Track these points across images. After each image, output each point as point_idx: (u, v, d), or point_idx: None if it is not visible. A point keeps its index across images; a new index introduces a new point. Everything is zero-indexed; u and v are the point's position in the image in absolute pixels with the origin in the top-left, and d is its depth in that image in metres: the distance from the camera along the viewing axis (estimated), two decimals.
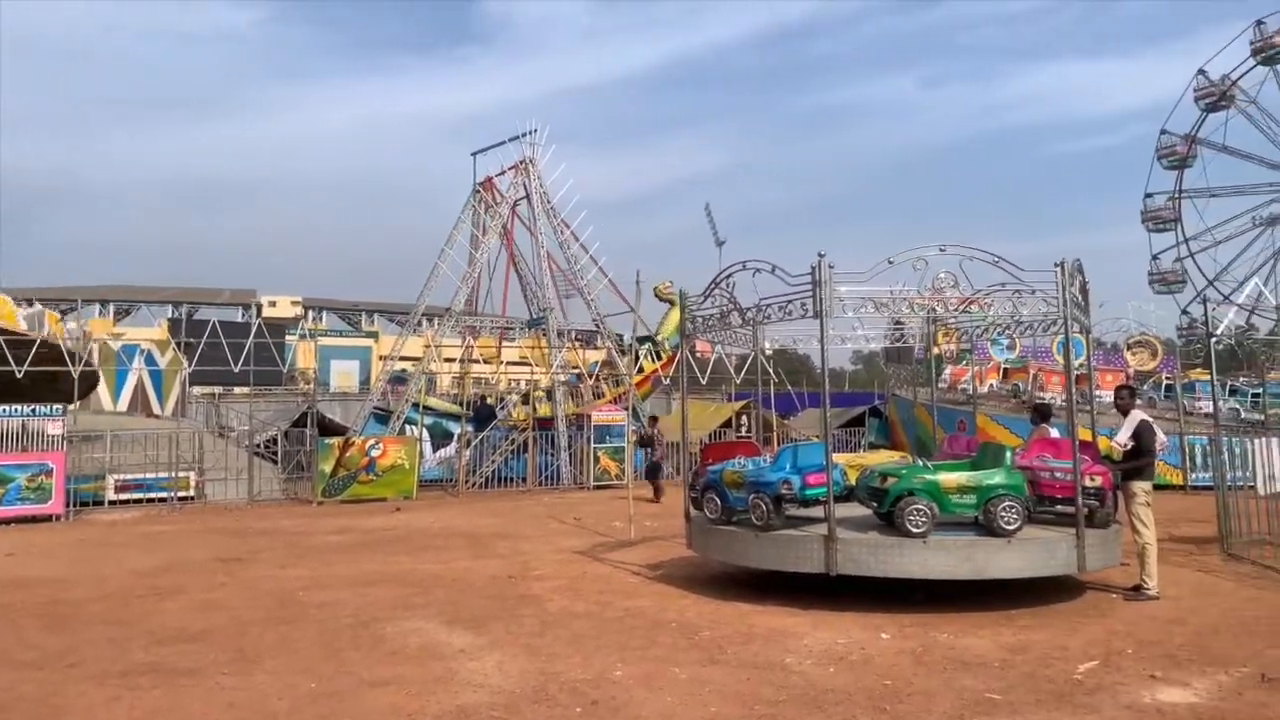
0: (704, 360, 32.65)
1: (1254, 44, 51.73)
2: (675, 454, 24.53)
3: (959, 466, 9.58)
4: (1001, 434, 22.52)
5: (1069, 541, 8.92)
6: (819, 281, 9.13)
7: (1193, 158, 53.93)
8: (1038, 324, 11.33)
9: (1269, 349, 26.93)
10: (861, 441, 30.89)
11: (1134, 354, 30.14)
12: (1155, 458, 9.87)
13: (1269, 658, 6.93)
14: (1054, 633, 7.81)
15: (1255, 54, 51.73)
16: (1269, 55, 51.29)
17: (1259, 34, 51.55)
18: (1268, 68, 51.91)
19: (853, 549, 8.79)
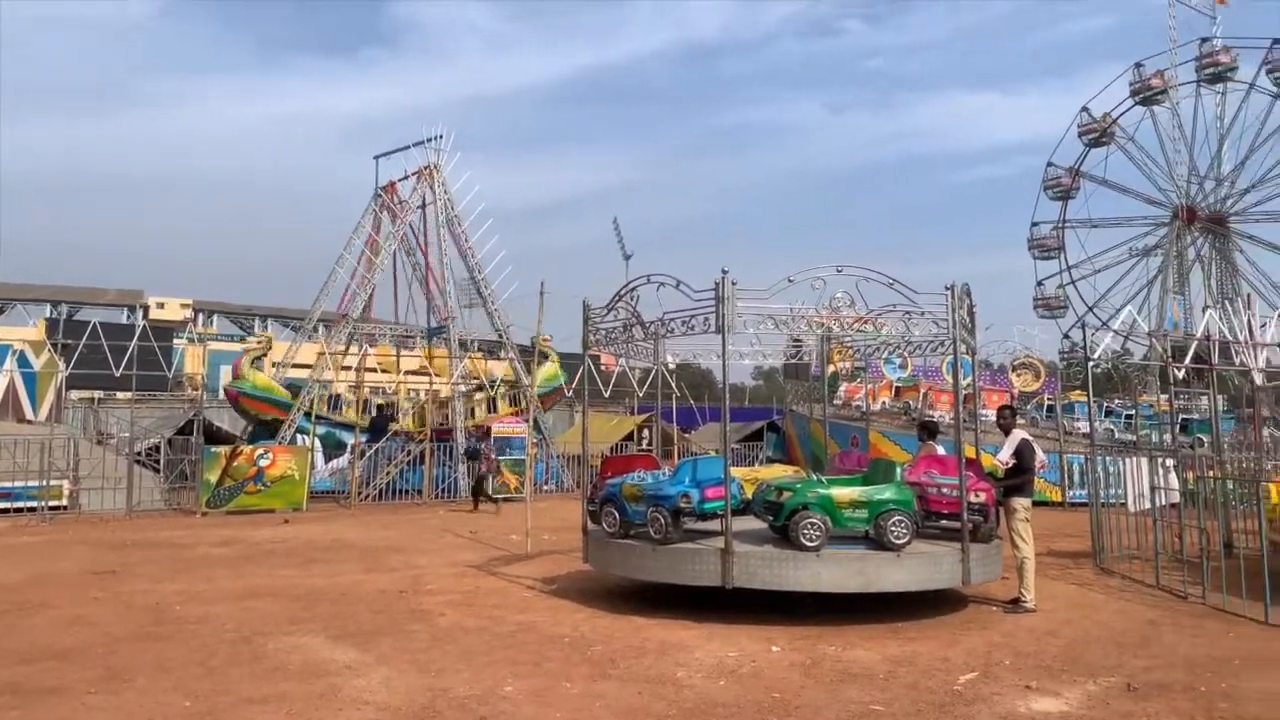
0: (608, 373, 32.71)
1: (1133, 85, 54.66)
2: (575, 467, 24.46)
3: (851, 482, 9.79)
4: (893, 450, 23.18)
5: (954, 556, 9.20)
6: (722, 298, 9.24)
7: (1076, 190, 56.54)
8: (928, 344, 11.70)
9: (1142, 373, 28.39)
10: (760, 456, 31.36)
11: (1018, 375, 31.42)
12: (1035, 475, 10.27)
13: (1134, 668, 7.26)
14: (937, 644, 8.03)
15: (1134, 94, 54.67)
16: (1146, 96, 54.27)
17: (1137, 76, 54.52)
18: (1145, 108, 54.93)
19: (749, 562, 8.88)
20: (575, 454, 24.65)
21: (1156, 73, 53.91)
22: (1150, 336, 18.40)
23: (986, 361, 34.01)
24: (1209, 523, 10.89)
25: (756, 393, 75.32)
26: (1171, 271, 53.16)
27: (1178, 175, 54.09)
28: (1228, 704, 6.29)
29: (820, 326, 10.67)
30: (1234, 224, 52.67)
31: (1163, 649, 7.92)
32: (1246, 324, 17.88)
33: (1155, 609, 9.70)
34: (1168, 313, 49.51)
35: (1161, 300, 52.20)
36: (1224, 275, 52.45)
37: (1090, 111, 56.25)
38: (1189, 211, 53.12)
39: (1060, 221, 57.11)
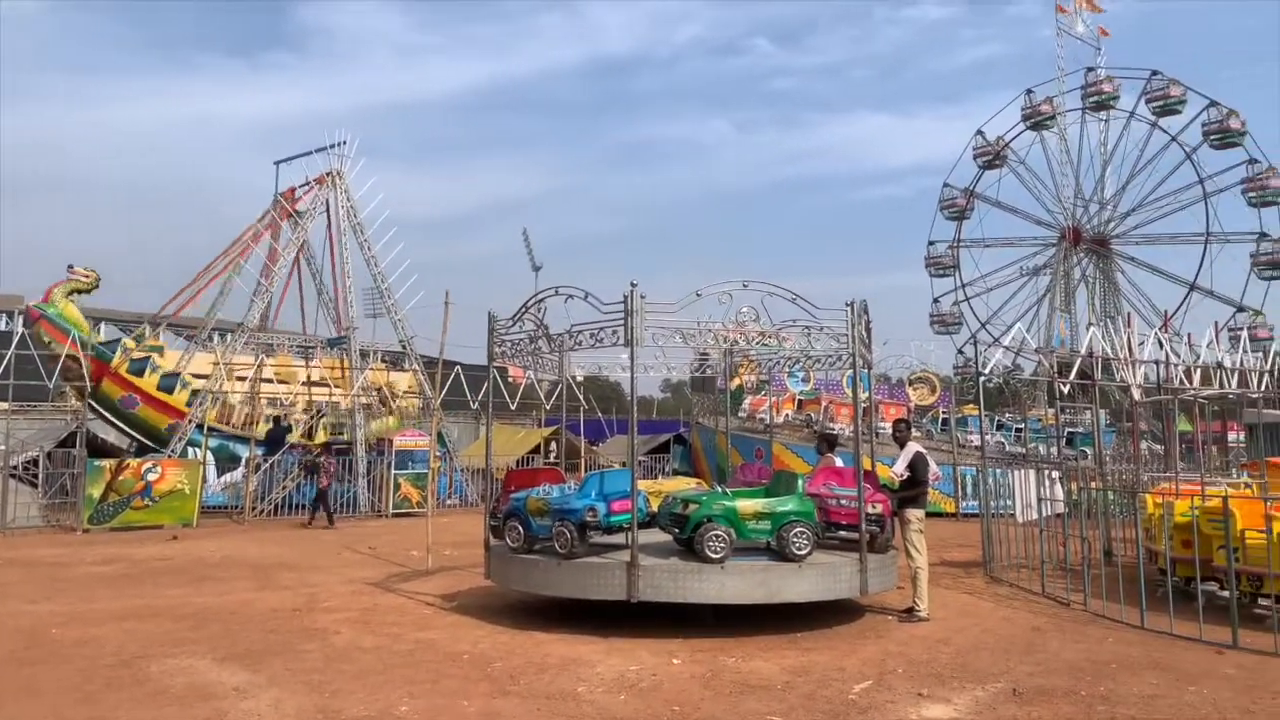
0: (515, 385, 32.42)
1: (1024, 111, 57.08)
2: (479, 481, 24.16)
3: (755, 494, 9.89)
4: (795, 462, 23.55)
5: (853, 566, 9.40)
6: (631, 311, 9.26)
7: (970, 210, 58.70)
8: (828, 359, 11.94)
9: (1031, 388, 29.62)
10: (666, 469, 31.53)
11: (915, 389, 32.35)
12: (928, 487, 10.58)
13: (1020, 673, 7.52)
14: (834, 654, 8.18)
15: (1025, 120, 57.09)
16: (1036, 121, 56.74)
17: (1028, 102, 56.95)
18: (1035, 133, 57.44)
19: (654, 575, 8.90)
20: (481, 467, 24.33)
21: (1046, 99, 56.42)
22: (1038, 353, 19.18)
23: (885, 375, 34.99)
24: (1090, 532, 11.38)
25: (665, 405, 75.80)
26: (1058, 290, 55.54)
27: (1065, 198, 56.61)
28: (1105, 706, 6.57)
29: (727, 340, 10.79)
30: (1116, 246, 55.33)
31: (1047, 655, 8.22)
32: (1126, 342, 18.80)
33: (1041, 616, 10.07)
34: (1055, 330, 51.81)
35: (1049, 318, 54.51)
36: (1107, 294, 55.02)
37: (984, 135, 58.54)
38: (1075, 233, 55.63)
39: (955, 240, 59.23)
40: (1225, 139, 49.85)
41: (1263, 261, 48.65)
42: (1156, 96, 51.97)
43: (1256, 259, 48.86)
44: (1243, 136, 49.52)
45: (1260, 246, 48.82)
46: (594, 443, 34.90)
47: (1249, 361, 22.04)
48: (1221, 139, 49.98)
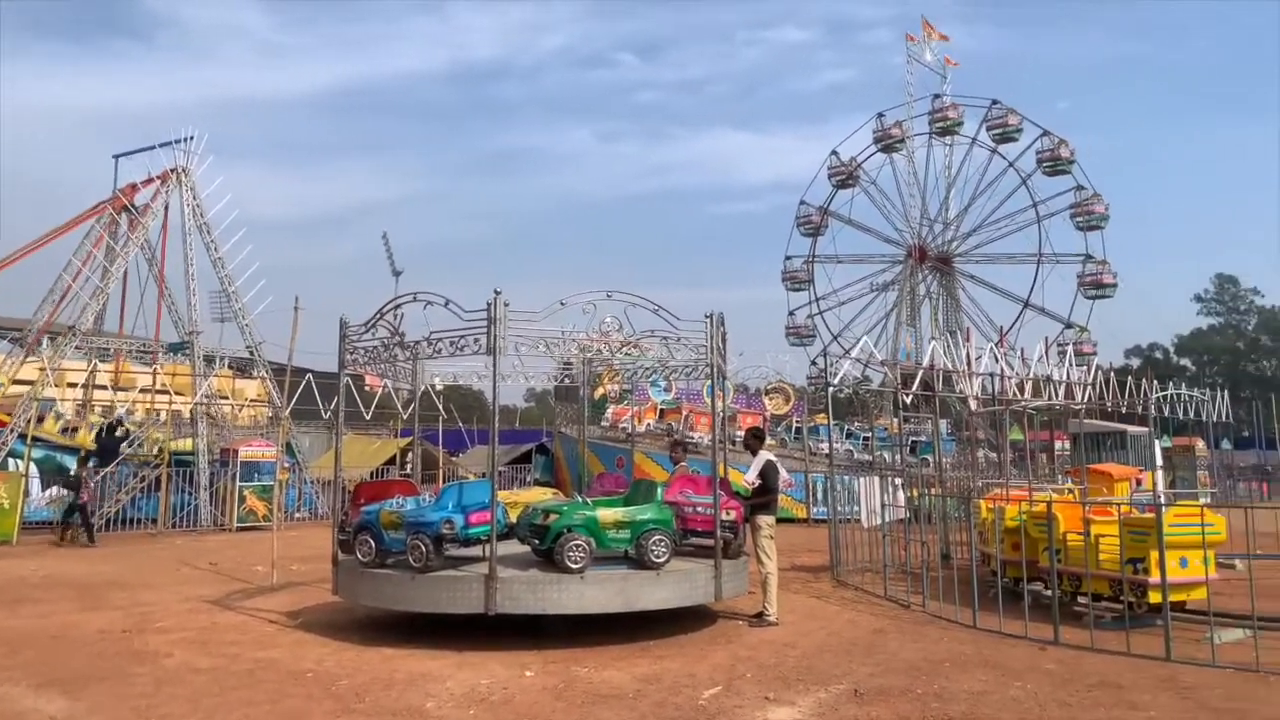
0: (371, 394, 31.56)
1: (875, 133, 59.78)
2: (328, 493, 23.37)
3: (614, 503, 9.96)
4: (656, 471, 23.77)
5: (708, 572, 9.57)
6: (493, 319, 9.15)
7: (825, 227, 61.00)
8: (687, 368, 12.13)
9: (878, 398, 30.89)
10: (528, 478, 31.33)
11: (771, 399, 33.25)
12: (779, 495, 10.89)
13: (861, 674, 7.82)
14: (685, 661, 8.29)
15: (876, 142, 59.79)
16: (887, 144, 59.49)
17: (880, 125, 59.67)
18: (886, 155, 60.19)
19: (512, 587, 8.80)
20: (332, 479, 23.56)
21: (896, 123, 59.20)
22: (883, 365, 20.03)
23: (744, 385, 35.81)
24: (929, 536, 11.95)
25: (528, 414, 75.26)
26: (905, 305, 58.26)
27: (912, 218, 59.48)
28: (939, 703, 6.90)
29: (590, 349, 10.83)
30: (958, 264, 58.51)
31: (887, 655, 8.57)
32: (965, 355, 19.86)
33: (883, 618, 10.50)
34: (901, 343, 54.34)
35: (896, 332, 57.16)
36: (949, 310, 58.09)
37: (838, 155, 60.99)
38: (920, 251, 58.50)
39: (810, 256, 61.41)
40: (1056, 166, 53.57)
41: (1088, 282, 52.55)
42: (996, 124, 55.31)
43: (1083, 279, 52.75)
44: (1072, 164, 53.32)
45: (1086, 267, 52.71)
46: (454, 453, 34.36)
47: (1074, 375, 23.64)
48: (1053, 166, 53.68)
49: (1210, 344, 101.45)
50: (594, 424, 31.64)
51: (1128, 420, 26.07)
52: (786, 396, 34.30)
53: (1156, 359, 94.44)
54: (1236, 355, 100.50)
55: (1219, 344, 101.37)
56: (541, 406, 67.64)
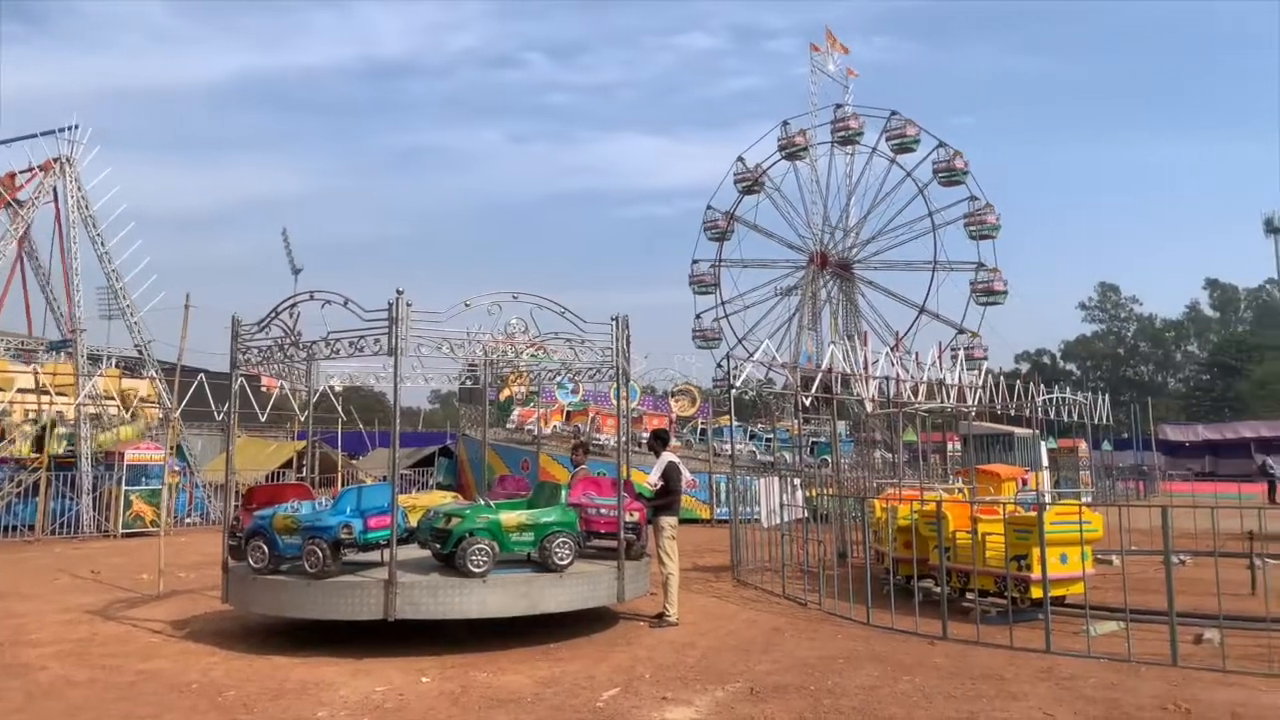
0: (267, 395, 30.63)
1: (780, 141, 60.99)
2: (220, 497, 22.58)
3: (517, 505, 9.91)
4: (562, 473, 23.72)
5: (611, 574, 9.62)
6: (395, 319, 8.99)
7: (731, 232, 61.99)
8: (593, 370, 12.16)
9: (780, 400, 31.40)
10: (431, 482, 30.87)
11: (677, 401, 33.56)
12: (681, 496, 11.00)
13: (758, 673, 7.96)
14: (585, 663, 8.30)
15: (781, 150, 61.02)
16: (791, 152, 60.75)
17: (784, 133, 60.90)
18: (790, 162, 61.44)
19: (413, 592, 8.66)
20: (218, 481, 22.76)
21: (800, 131, 60.51)
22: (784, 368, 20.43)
23: (652, 387, 36.06)
24: (825, 535, 12.24)
25: (432, 417, 74.27)
26: (807, 310, 59.59)
27: (814, 224, 60.92)
28: (831, 699, 7.07)
29: (495, 351, 10.77)
30: (858, 270, 60.14)
31: (783, 653, 8.74)
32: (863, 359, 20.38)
33: (781, 617, 10.70)
34: (803, 347, 55.49)
35: (799, 336, 58.37)
36: (848, 315, 59.64)
37: (744, 162, 62.00)
38: (822, 257, 59.91)
39: (717, 260, 62.31)
40: (951, 177, 55.56)
41: (980, 289, 54.66)
42: (895, 135, 57.03)
43: (975, 286, 54.84)
44: (966, 175, 55.36)
45: (978, 275, 54.80)
46: (354, 456, 33.63)
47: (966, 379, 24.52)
48: (948, 177, 55.66)
49: (1094, 350, 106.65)
50: (499, 426, 31.42)
51: (1016, 423, 27.15)
52: (693, 398, 34.66)
53: (1044, 364, 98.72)
54: (1117, 361, 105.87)
55: (1102, 350, 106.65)
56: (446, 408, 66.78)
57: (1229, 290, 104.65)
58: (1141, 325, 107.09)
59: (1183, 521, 12.41)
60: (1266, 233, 72.12)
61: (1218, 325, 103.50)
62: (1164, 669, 7.91)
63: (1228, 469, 51.37)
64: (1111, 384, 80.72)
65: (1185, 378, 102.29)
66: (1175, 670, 7.87)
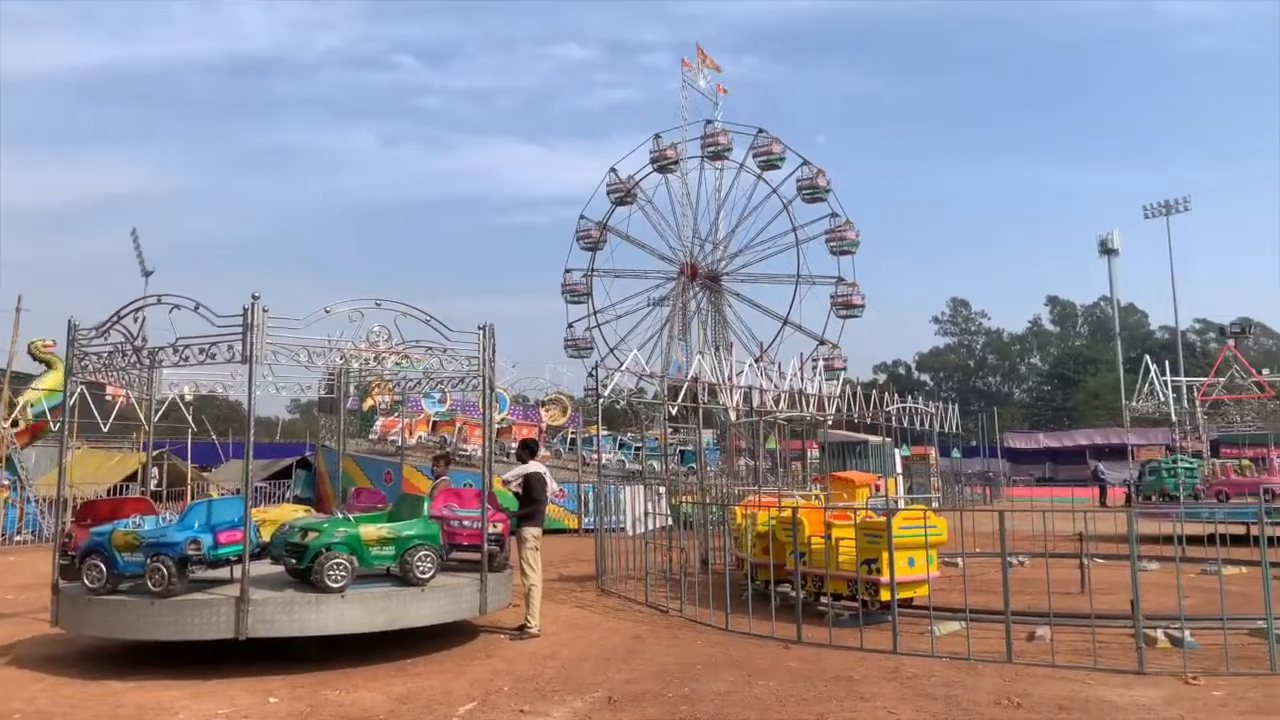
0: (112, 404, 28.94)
1: (652, 153, 61.79)
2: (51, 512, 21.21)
3: (378, 518, 9.68)
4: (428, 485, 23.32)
5: (474, 586, 9.51)
6: (251, 325, 8.66)
7: (603, 242, 62.42)
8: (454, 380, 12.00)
9: (649, 409, 31.79)
10: (288, 494, 29.78)
11: (547, 410, 33.43)
12: (545, 506, 10.99)
13: (617, 681, 8.01)
14: (443, 678, 8.17)
15: (653, 162, 61.83)
16: (662, 165, 61.64)
17: (656, 146, 61.76)
18: (661, 175, 62.29)
19: (266, 609, 8.33)
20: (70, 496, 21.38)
21: (671, 145, 61.48)
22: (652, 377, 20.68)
23: (523, 397, 35.80)
24: (688, 543, 12.43)
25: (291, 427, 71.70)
26: (677, 320, 60.49)
27: (685, 237, 61.95)
28: (688, 706, 7.19)
29: (357, 359, 10.53)
30: (726, 282, 61.44)
31: (643, 661, 8.83)
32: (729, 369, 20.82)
33: (642, 625, 10.80)
34: (673, 357, 56.29)
35: (669, 346, 59.18)
36: (717, 326, 60.85)
37: (617, 173, 62.55)
38: (692, 269, 60.96)
39: (589, 270, 62.61)
40: (814, 194, 57.52)
41: (839, 302, 56.76)
42: (762, 151, 58.63)
43: (835, 299, 56.93)
44: (828, 193, 57.40)
45: (838, 289, 56.92)
46: (205, 468, 32.14)
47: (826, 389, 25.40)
48: (811, 194, 57.60)
49: (946, 361, 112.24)
50: (362, 437, 30.62)
51: (872, 431, 28.24)
52: (564, 408, 34.59)
53: (900, 374, 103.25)
54: (967, 372, 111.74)
55: (953, 361, 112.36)
56: (307, 418, 64.52)
57: (1068, 307, 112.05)
58: (989, 339, 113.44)
59: (1022, 525, 13.22)
60: (1101, 253, 77.33)
61: (1057, 339, 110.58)
62: (1000, 665, 8.37)
63: (1066, 474, 54.83)
64: (961, 394, 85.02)
65: (1029, 388, 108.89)
66: (1010, 667, 8.34)
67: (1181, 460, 23.01)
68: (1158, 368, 24.28)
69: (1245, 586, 11.77)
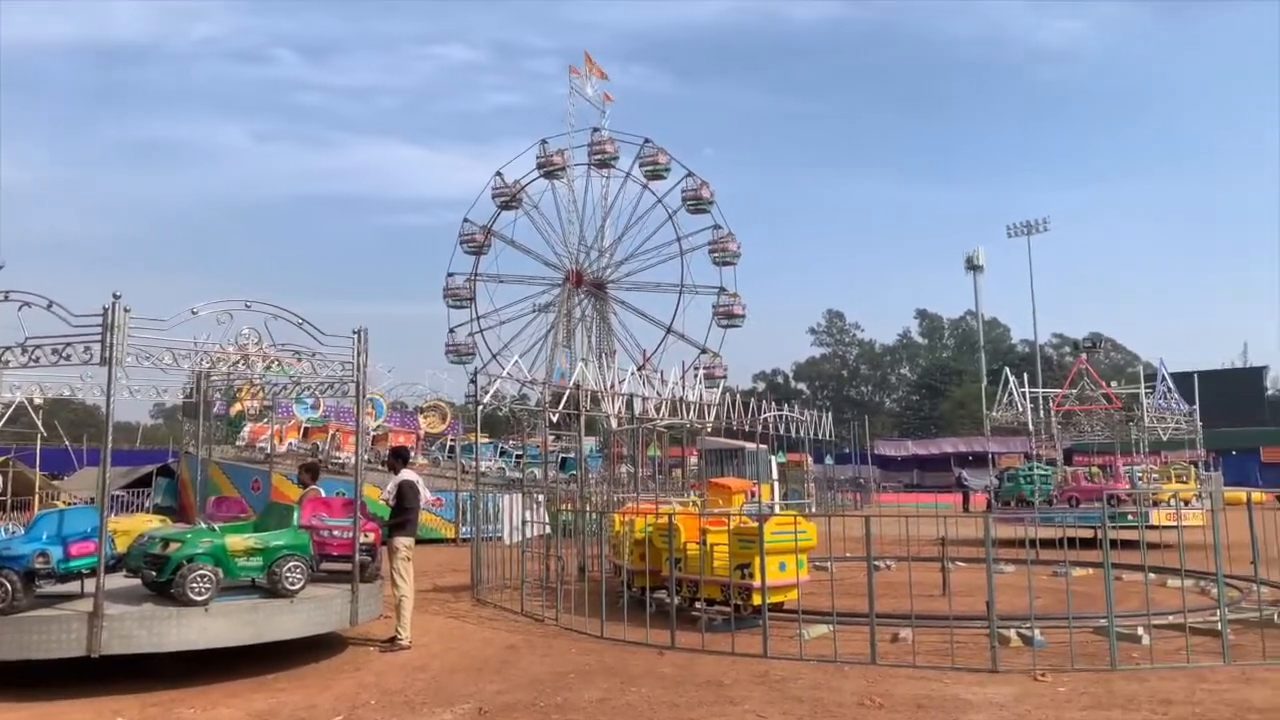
0: None
1: (539, 159, 61.53)
2: None
3: (244, 528, 9.37)
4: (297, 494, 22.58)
5: (344, 597, 9.28)
6: (111, 325, 8.27)
7: (488, 247, 61.76)
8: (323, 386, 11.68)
9: (532, 417, 31.58)
10: (147, 503, 28.36)
11: (426, 417, 32.83)
12: (417, 515, 10.80)
13: (489, 692, 7.93)
14: (307, 692, 7.93)
15: (539, 168, 61.57)
16: (549, 170, 61.46)
17: (543, 151, 61.50)
18: (548, 180, 62.13)
19: (123, 624, 7.92)
20: None
21: (558, 151, 61.35)
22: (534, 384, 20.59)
23: (402, 403, 35.08)
24: (566, 551, 12.41)
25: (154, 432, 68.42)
26: (562, 327, 60.38)
27: (570, 243, 61.92)
28: (560, 715, 7.18)
29: (225, 363, 10.16)
30: (611, 290, 61.70)
31: (516, 671, 8.76)
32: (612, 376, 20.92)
33: (517, 634, 10.71)
34: (557, 363, 56.16)
35: (553, 353, 59.02)
36: (601, 333, 61.04)
37: (503, 177, 62.04)
38: (577, 276, 60.98)
39: (473, 274, 61.85)
40: (698, 205, 58.39)
41: (721, 312, 57.80)
42: (648, 161, 59.15)
43: (717, 309, 57.93)
44: (711, 205, 58.38)
45: (720, 299, 57.90)
46: (56, 476, 30.32)
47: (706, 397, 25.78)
48: (695, 205, 58.44)
49: (821, 371, 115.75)
50: (229, 443, 29.47)
51: (750, 438, 28.82)
52: (443, 415, 34.05)
53: (778, 383, 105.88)
54: (841, 381, 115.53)
55: (828, 371, 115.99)
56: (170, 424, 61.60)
57: (935, 320, 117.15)
58: (862, 349, 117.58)
59: (889, 529, 13.72)
60: (967, 269, 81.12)
61: (926, 351, 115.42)
62: (865, 667, 8.66)
63: (932, 481, 57.16)
64: (836, 402, 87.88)
65: (899, 398, 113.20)
66: (874, 668, 8.63)
67: (1038, 467, 24.30)
68: (1017, 379, 25.53)
69: (1091, 587, 12.55)
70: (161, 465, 32.51)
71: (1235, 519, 9.99)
